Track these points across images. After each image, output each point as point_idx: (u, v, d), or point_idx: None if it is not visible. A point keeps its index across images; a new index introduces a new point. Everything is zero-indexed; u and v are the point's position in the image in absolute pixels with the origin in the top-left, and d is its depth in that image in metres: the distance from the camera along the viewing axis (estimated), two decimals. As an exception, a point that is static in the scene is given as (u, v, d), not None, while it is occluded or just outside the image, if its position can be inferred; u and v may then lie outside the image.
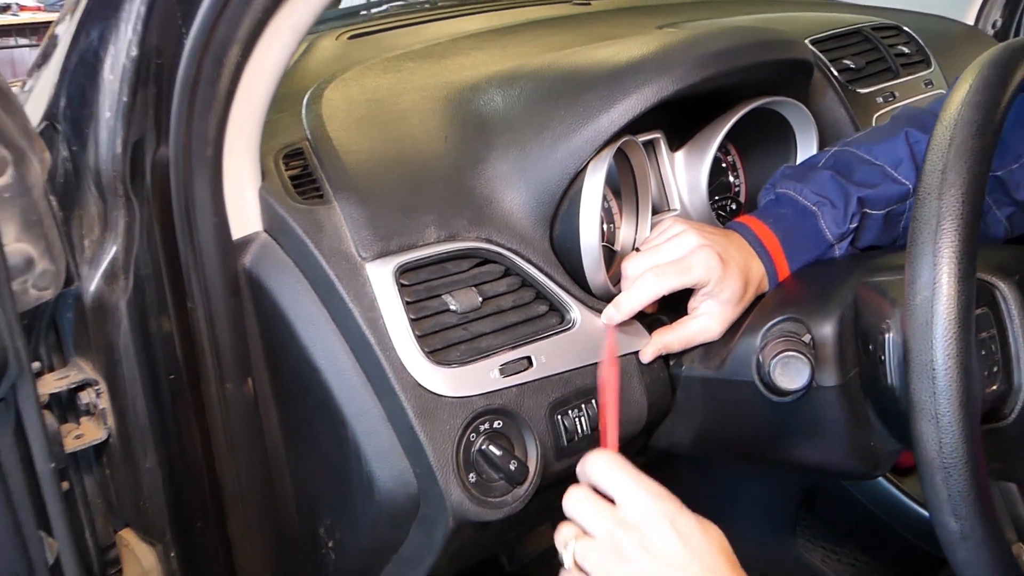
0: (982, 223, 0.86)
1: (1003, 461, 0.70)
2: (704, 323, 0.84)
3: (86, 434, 0.80)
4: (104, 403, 0.79)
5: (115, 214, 0.72)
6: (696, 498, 0.71)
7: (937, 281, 0.57)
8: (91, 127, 0.70)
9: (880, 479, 1.24)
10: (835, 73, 1.14)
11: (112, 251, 0.73)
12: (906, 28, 1.35)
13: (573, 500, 0.68)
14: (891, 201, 0.90)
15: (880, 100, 1.16)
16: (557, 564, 0.69)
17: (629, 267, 0.84)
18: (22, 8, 5.58)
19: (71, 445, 0.78)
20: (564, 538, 0.68)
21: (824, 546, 1.36)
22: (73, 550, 0.71)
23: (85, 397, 0.80)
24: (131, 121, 0.68)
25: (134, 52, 0.64)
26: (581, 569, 0.66)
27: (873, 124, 1.13)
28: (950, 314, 0.56)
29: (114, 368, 0.77)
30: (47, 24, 5.76)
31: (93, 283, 0.74)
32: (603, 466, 0.68)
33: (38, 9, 5.66)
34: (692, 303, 0.85)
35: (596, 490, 0.68)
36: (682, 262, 0.81)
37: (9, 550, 0.60)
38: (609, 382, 0.75)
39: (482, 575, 1.34)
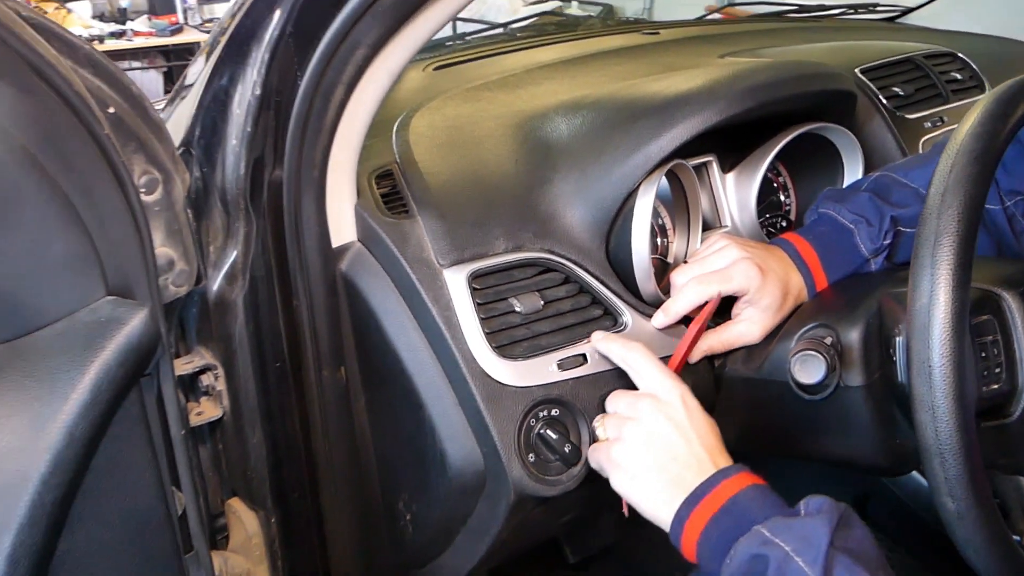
0: (1017, 243, 0.93)
1: (1011, 456, 0.77)
2: (745, 328, 0.93)
3: (205, 411, 0.93)
4: (221, 385, 0.92)
5: (236, 225, 0.85)
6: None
7: (934, 290, 0.65)
8: (220, 152, 0.83)
9: (930, 486, 1.29)
10: (883, 100, 1.21)
11: (233, 256, 0.86)
12: (961, 55, 1.40)
13: (610, 395, 0.86)
14: None
15: (928, 125, 1.23)
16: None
17: (676, 276, 0.94)
18: (136, 34, 5.99)
19: (193, 421, 0.91)
20: (599, 419, 0.86)
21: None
22: (195, 504, 0.84)
23: (205, 380, 0.92)
24: (253, 147, 0.80)
25: (258, 91, 0.78)
26: (608, 439, 0.83)
27: (920, 148, 1.20)
28: (945, 318, 0.65)
29: (231, 355, 0.89)
30: (158, 48, 6.15)
31: (216, 283, 0.87)
32: (635, 353, 0.85)
33: (150, 34, 6.05)
34: (735, 310, 0.95)
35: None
36: (724, 272, 0.91)
37: (154, 497, 0.73)
38: (686, 338, 0.90)
39: (547, 566, 1.44)
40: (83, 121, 0.63)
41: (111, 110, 0.68)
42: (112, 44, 5.78)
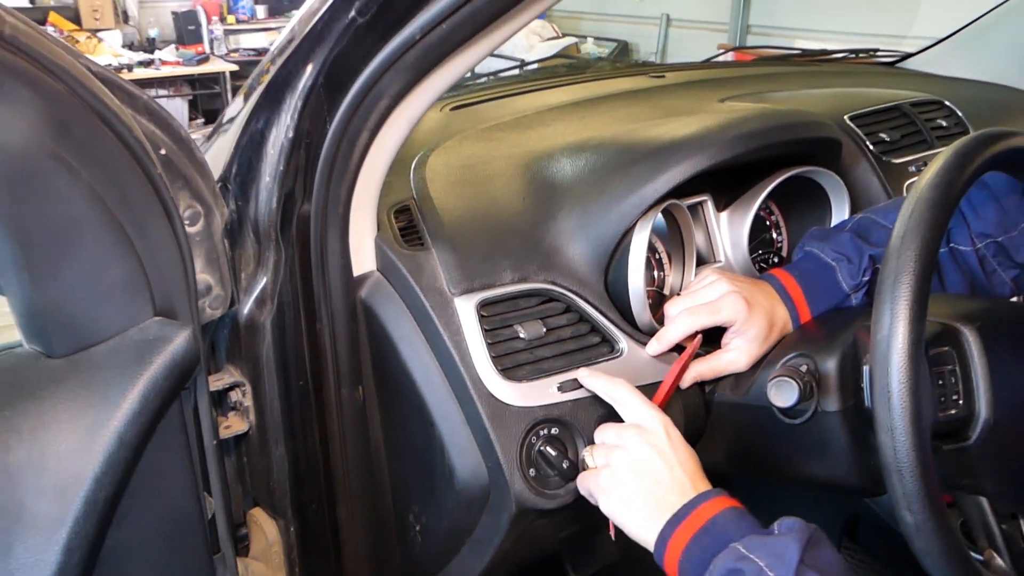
0: (988, 283, 1.00)
1: (972, 477, 0.84)
2: (733, 357, 1.00)
3: (233, 425, 1.00)
4: (248, 401, 0.99)
5: (267, 254, 0.92)
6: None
7: (893, 322, 0.73)
8: (254, 188, 0.90)
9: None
10: (870, 146, 1.29)
11: (263, 282, 0.93)
12: (948, 102, 1.48)
13: (598, 428, 0.93)
14: None
15: (913, 169, 1.30)
16: None
17: (669, 307, 1.02)
18: (164, 63, 6.17)
19: (222, 434, 0.98)
20: (587, 450, 0.93)
21: (865, 574, 1.47)
22: (224, 509, 0.92)
23: (234, 396, 0.98)
24: (284, 184, 0.88)
25: (291, 134, 0.86)
26: (597, 467, 0.90)
27: (904, 191, 1.27)
28: (902, 348, 0.72)
29: (258, 374, 0.96)
30: (184, 77, 6.31)
31: (247, 306, 0.94)
32: (619, 387, 0.93)
33: (177, 64, 6.24)
34: (724, 339, 1.02)
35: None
36: (713, 304, 0.99)
37: (189, 500, 0.81)
38: (673, 370, 0.97)
39: (550, 583, 1.50)
40: (140, 162, 0.72)
41: (162, 151, 0.77)
42: (140, 72, 5.95)
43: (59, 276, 0.69)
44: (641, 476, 0.86)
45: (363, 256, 0.98)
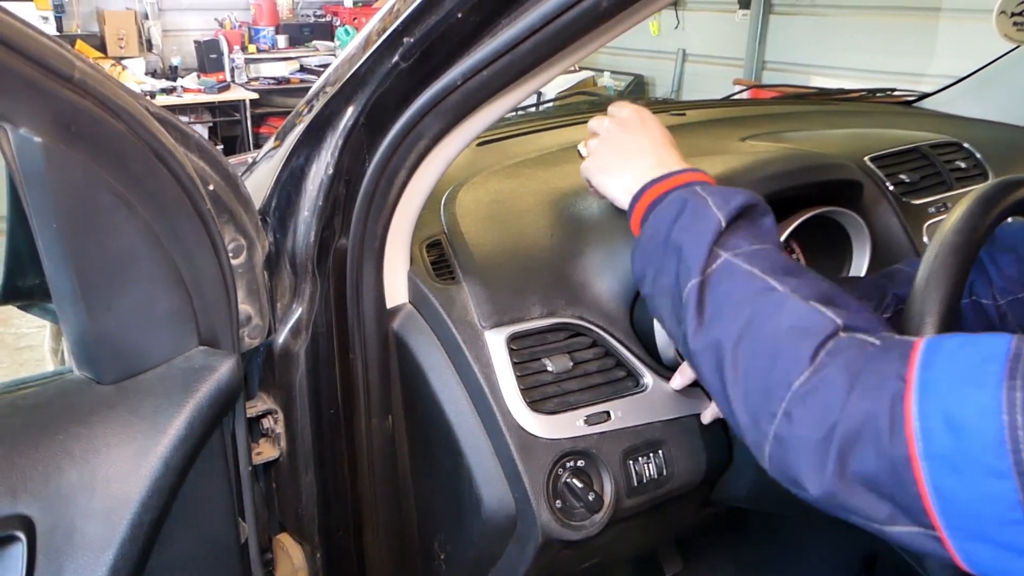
0: None
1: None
2: None
3: (264, 452, 1.02)
4: (280, 428, 1.01)
5: (303, 286, 0.95)
6: (763, 558, 0.88)
7: (918, 365, 0.74)
8: (292, 222, 0.93)
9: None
10: (890, 187, 1.31)
11: (298, 313, 0.95)
12: (966, 144, 1.50)
13: (590, 121, 1.06)
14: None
15: (932, 210, 1.32)
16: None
17: None
18: (186, 90, 6.28)
19: (254, 460, 1.02)
20: (582, 144, 1.06)
21: (884, 612, 1.46)
22: (256, 534, 0.94)
23: (266, 423, 1.01)
24: (322, 219, 0.90)
25: (331, 171, 0.89)
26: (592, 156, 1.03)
27: (924, 232, 1.29)
28: None
29: (291, 402, 0.98)
30: (205, 104, 6.41)
31: (282, 336, 0.96)
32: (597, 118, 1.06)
33: (199, 91, 6.35)
34: None
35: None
36: None
37: (227, 524, 0.83)
38: None
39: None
40: (190, 197, 0.75)
41: (211, 187, 0.80)
42: (162, 100, 6.06)
43: (113, 307, 0.72)
44: (618, 151, 0.99)
45: (396, 289, 1.01)
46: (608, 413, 0.99)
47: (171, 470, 0.74)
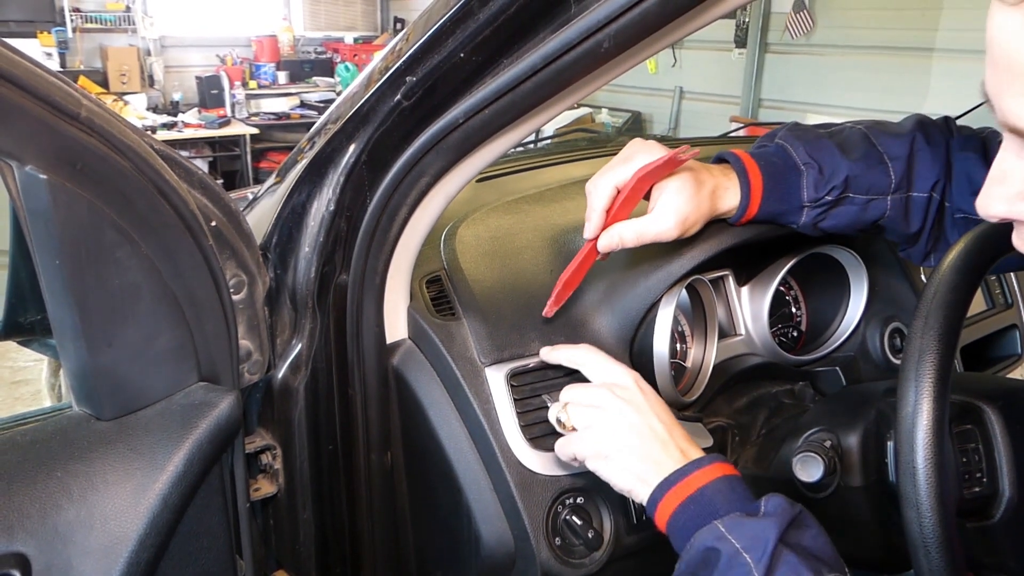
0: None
1: (995, 555, 0.85)
2: (659, 215, 0.95)
3: (262, 488, 1.01)
4: (278, 464, 1.00)
5: (303, 321, 0.95)
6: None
7: (918, 399, 0.74)
8: (293, 257, 0.93)
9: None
10: (887, 224, 1.32)
11: (298, 348, 0.95)
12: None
13: (565, 388, 0.92)
14: (873, 190, 0.99)
15: (929, 247, 1.33)
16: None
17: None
18: (187, 125, 6.34)
19: (252, 496, 1.01)
20: (554, 413, 0.92)
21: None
22: (253, 571, 0.93)
23: (264, 459, 1.00)
24: (323, 255, 0.91)
25: (332, 207, 0.89)
26: (571, 428, 0.90)
27: (921, 269, 1.30)
28: (928, 424, 0.73)
29: (289, 437, 0.98)
30: (206, 139, 6.47)
31: (281, 371, 0.96)
32: (582, 351, 0.94)
33: (199, 126, 6.40)
34: (650, 204, 0.97)
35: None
36: (623, 155, 0.99)
37: (224, 562, 0.82)
38: (581, 252, 0.97)
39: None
40: (193, 234, 0.76)
41: (213, 223, 0.80)
42: (164, 135, 6.10)
43: (114, 343, 0.72)
44: (624, 433, 0.86)
45: (396, 324, 1.01)
46: (608, 450, 0.99)
47: (169, 507, 0.73)
